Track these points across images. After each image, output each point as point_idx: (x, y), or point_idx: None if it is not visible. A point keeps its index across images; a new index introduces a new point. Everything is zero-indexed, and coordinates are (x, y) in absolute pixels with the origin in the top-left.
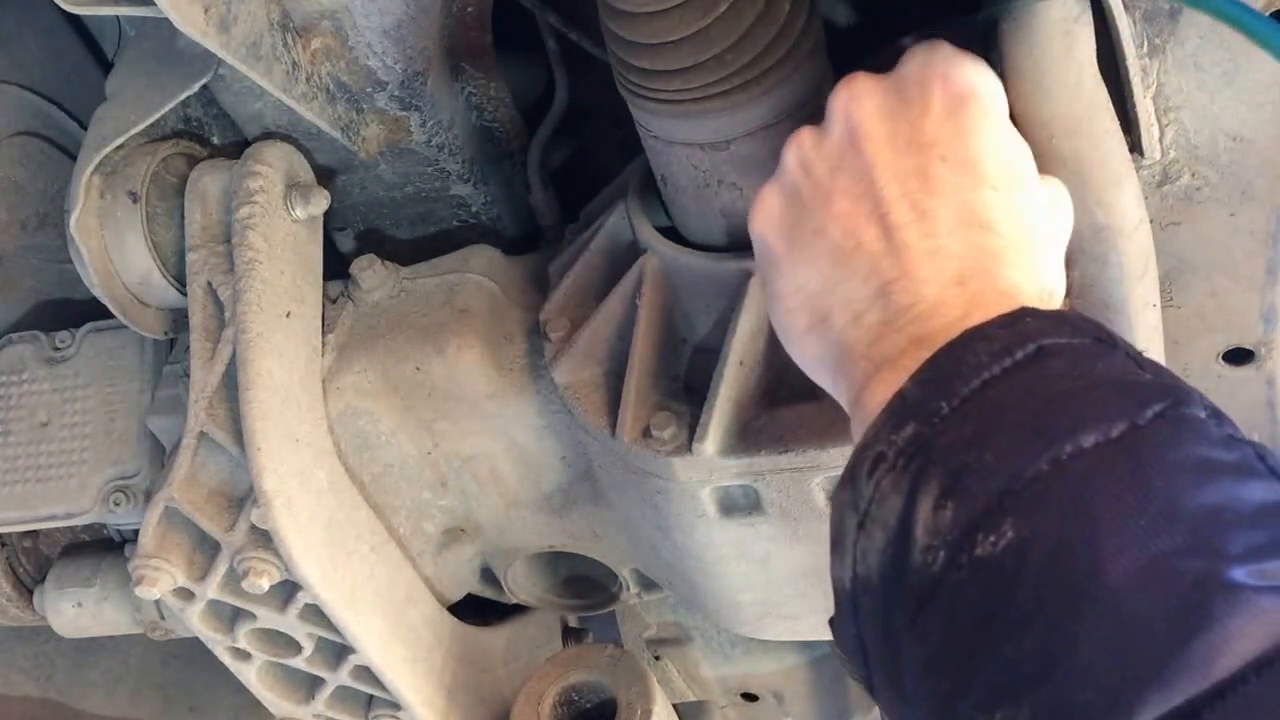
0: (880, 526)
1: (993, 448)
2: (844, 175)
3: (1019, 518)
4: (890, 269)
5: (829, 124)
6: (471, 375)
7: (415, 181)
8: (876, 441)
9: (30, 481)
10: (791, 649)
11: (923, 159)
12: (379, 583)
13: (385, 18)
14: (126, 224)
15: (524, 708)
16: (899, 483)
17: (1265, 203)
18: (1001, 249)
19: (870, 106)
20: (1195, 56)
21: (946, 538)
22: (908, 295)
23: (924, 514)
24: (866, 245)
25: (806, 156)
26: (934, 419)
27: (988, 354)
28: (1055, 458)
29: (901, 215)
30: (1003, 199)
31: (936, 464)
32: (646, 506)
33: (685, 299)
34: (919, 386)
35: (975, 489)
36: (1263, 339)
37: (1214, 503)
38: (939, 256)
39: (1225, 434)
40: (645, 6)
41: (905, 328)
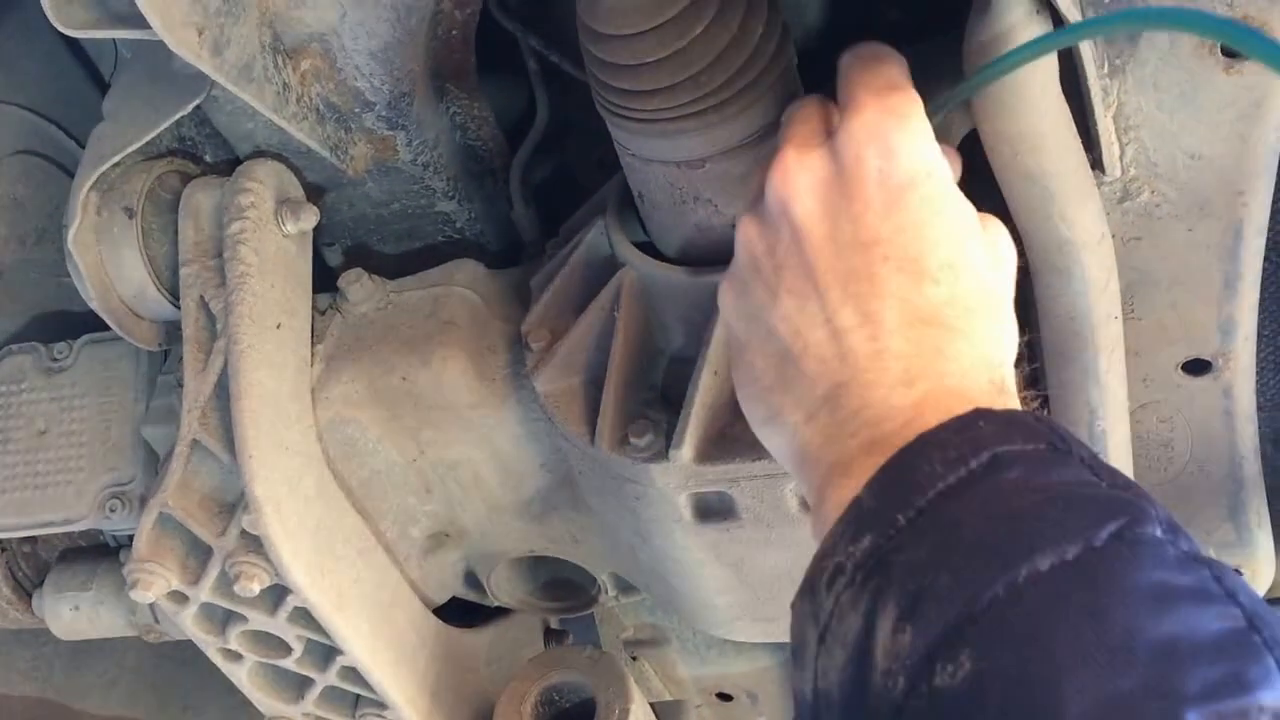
0: (840, 644)
1: (948, 570)
2: (789, 274)
3: (977, 649)
4: (838, 372)
5: (768, 213)
6: (455, 385)
7: (402, 198)
8: (835, 552)
9: (29, 488)
10: (765, 650)
11: (865, 259)
12: (366, 586)
13: (373, 40)
14: (122, 239)
15: (506, 707)
16: (857, 600)
17: (1222, 218)
18: (947, 342)
19: (809, 202)
20: (1154, 77)
21: (905, 663)
22: (856, 399)
23: (883, 636)
24: (813, 348)
25: (754, 251)
26: (890, 531)
27: (942, 463)
28: (1011, 582)
29: (846, 319)
30: (946, 291)
31: (894, 584)
32: (625, 512)
33: (661, 311)
34: (874, 496)
35: (933, 615)
36: (1220, 350)
37: (1171, 634)
38: (885, 358)
39: (1181, 553)
40: (623, 29)
41: (858, 432)
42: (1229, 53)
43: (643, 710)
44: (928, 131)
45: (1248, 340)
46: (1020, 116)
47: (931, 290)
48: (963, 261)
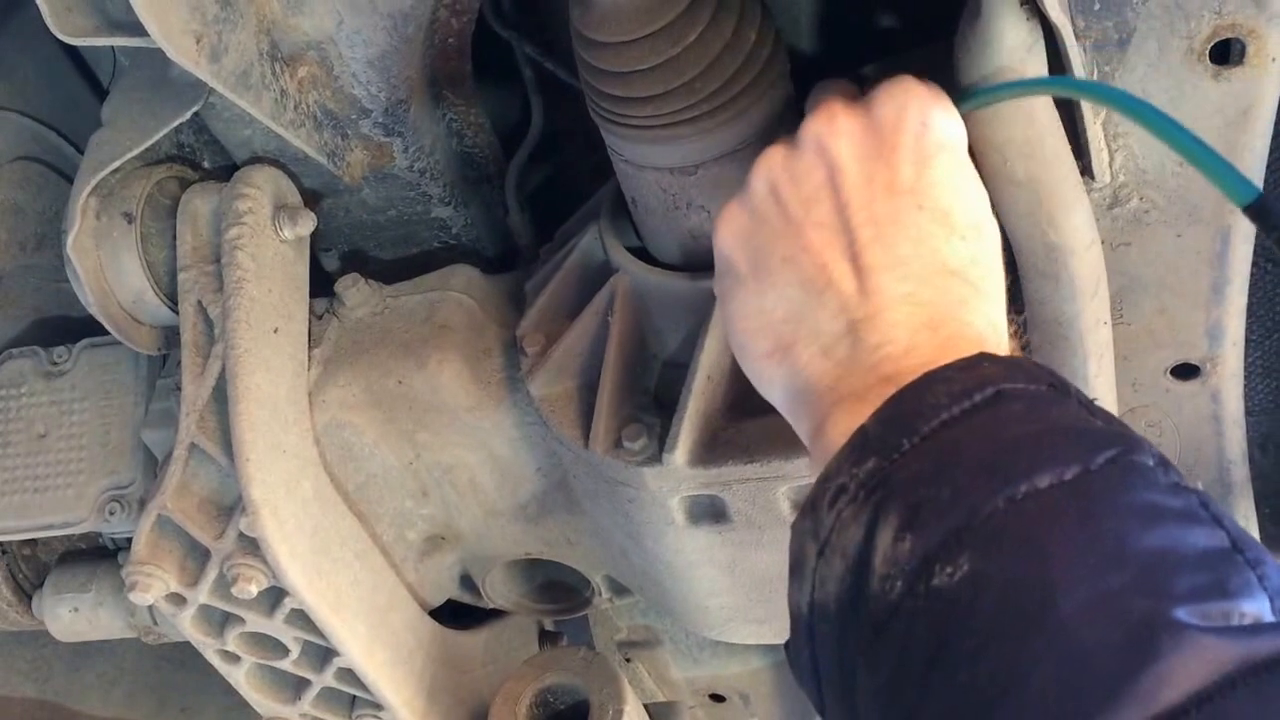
0: (839, 555)
1: (951, 485)
2: (819, 208)
3: (975, 552)
4: (861, 307)
5: (801, 150)
6: (451, 388)
7: (398, 204)
8: (839, 474)
9: (29, 491)
10: (757, 652)
11: (899, 205)
12: (362, 588)
13: (370, 48)
14: (121, 245)
15: (501, 708)
16: (859, 514)
17: (1210, 224)
18: (969, 296)
19: (849, 144)
20: (1143, 84)
21: (904, 568)
22: (878, 335)
23: (883, 545)
24: (838, 282)
25: (777, 181)
26: (894, 454)
27: (948, 395)
28: (1011, 496)
29: (876, 258)
30: (970, 248)
31: (896, 498)
32: (618, 515)
33: (655, 316)
34: (881, 424)
35: (933, 523)
36: (1208, 355)
37: (1160, 545)
38: (911, 300)
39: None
40: (617, 36)
41: (876, 366)
42: (1218, 59)
43: (636, 711)
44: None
45: (1236, 345)
46: (1010, 124)
47: (959, 244)
48: (985, 225)
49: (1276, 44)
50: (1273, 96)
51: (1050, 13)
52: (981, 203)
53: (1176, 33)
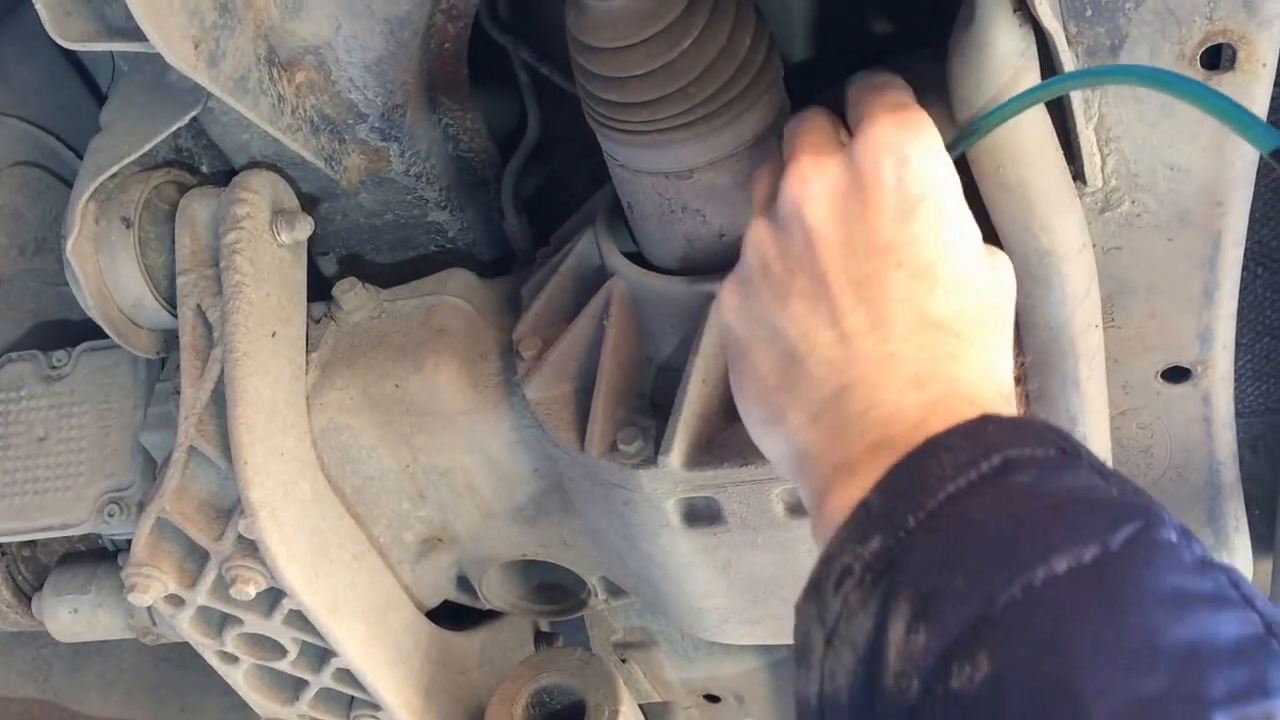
0: (849, 646)
1: (964, 571)
2: (800, 277)
3: (994, 649)
4: (846, 373)
5: (781, 217)
6: (448, 392)
7: (395, 209)
8: (842, 554)
9: (29, 494)
10: (752, 653)
11: (878, 264)
12: (360, 590)
13: (366, 53)
14: (120, 249)
15: (498, 709)
16: (867, 601)
17: (1202, 228)
18: (957, 350)
19: (824, 207)
20: (1135, 90)
21: (920, 665)
22: (863, 400)
23: (896, 638)
24: (821, 349)
25: (765, 254)
26: (900, 533)
27: (952, 465)
28: (1028, 584)
29: (857, 323)
30: (956, 301)
31: (906, 585)
32: (614, 517)
33: (650, 320)
34: (883, 497)
35: (948, 615)
36: (1199, 358)
37: (1192, 639)
38: (895, 361)
39: (1197, 558)
40: (612, 42)
41: (865, 433)
42: (1209, 64)
43: (632, 712)
44: (941, 148)
45: (1226, 348)
46: (1001, 129)
47: (943, 298)
48: (972, 274)
49: (1267, 49)
50: (1264, 101)
51: (1043, 19)
52: (967, 250)
53: (1168, 38)
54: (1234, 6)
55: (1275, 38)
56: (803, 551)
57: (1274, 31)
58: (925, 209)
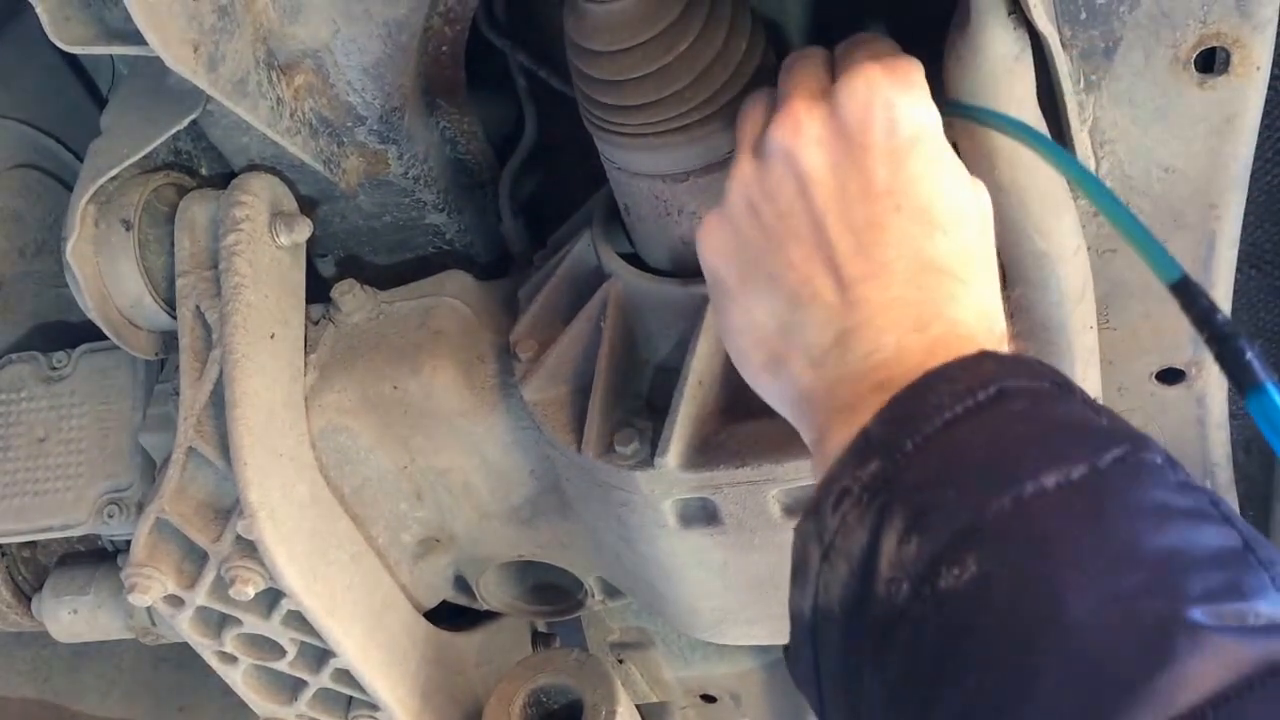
0: (844, 558)
1: (956, 485)
2: (795, 222)
3: (982, 552)
4: (848, 318)
5: (770, 162)
6: (445, 394)
7: (393, 211)
8: (841, 476)
9: (28, 494)
10: (748, 653)
11: (876, 209)
12: (358, 590)
13: (365, 56)
14: (120, 251)
15: (495, 709)
16: (864, 517)
17: (1196, 230)
18: (956, 291)
19: (817, 153)
20: (1129, 92)
21: (910, 570)
22: (867, 343)
23: (888, 547)
24: (823, 295)
25: (751, 195)
26: (898, 455)
27: (950, 394)
28: (1017, 496)
29: (858, 267)
30: (953, 241)
31: (901, 500)
32: (611, 518)
33: (647, 321)
34: (883, 425)
35: (939, 524)
36: (1193, 359)
37: (1172, 545)
38: (897, 305)
39: (1180, 480)
40: (609, 45)
41: (867, 374)
42: (1203, 68)
43: (629, 712)
44: (927, 93)
45: None
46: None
47: (941, 239)
48: (966, 213)
49: (1261, 53)
50: (1257, 104)
51: (1037, 22)
52: (962, 188)
53: (1162, 42)
54: (1227, 10)
55: (1269, 41)
56: None
57: (1268, 35)
58: (918, 151)
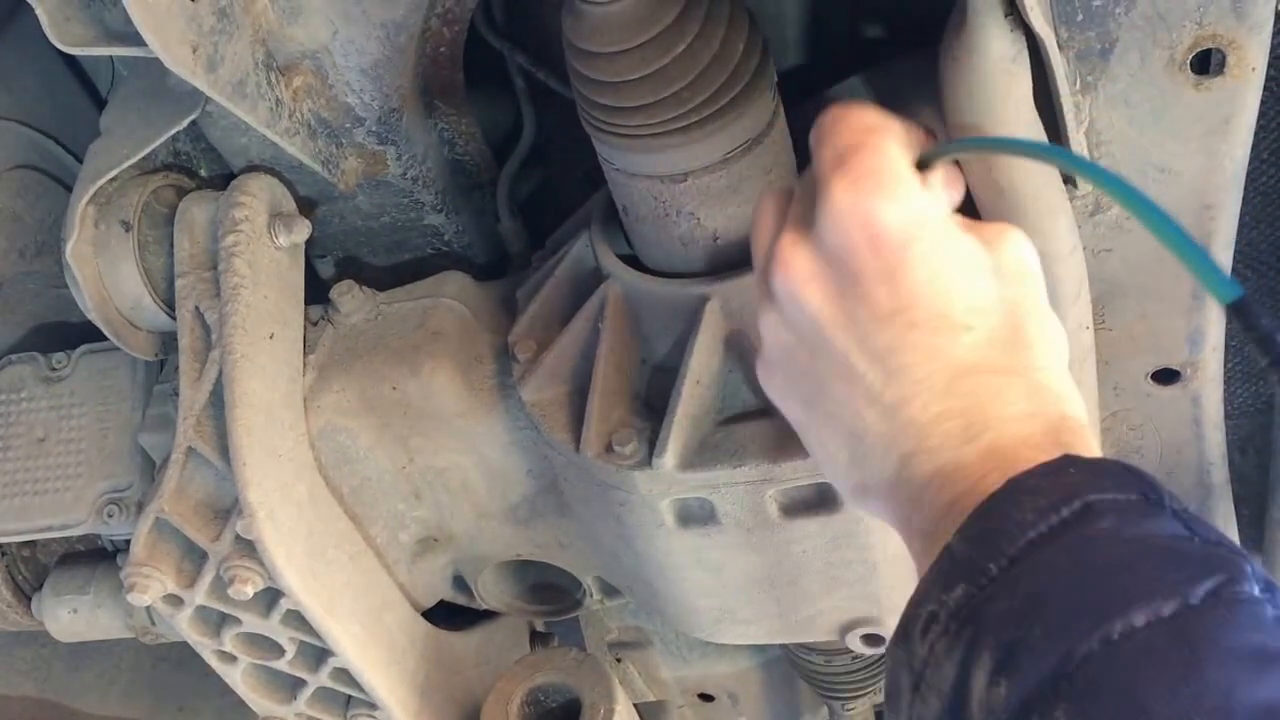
0: (936, 694)
1: (1043, 622)
2: (826, 362)
3: (1071, 703)
4: (903, 444)
5: (780, 305)
6: (444, 394)
7: (391, 212)
8: (927, 600)
9: (28, 494)
10: (745, 652)
11: (891, 332)
12: (357, 590)
13: (363, 58)
14: (119, 252)
15: (493, 707)
16: (952, 650)
17: (1191, 231)
18: (999, 386)
19: (816, 291)
20: (1125, 94)
21: (1000, 717)
22: (928, 465)
23: (978, 688)
24: (875, 426)
25: (784, 341)
26: (983, 579)
27: (1034, 511)
28: (1106, 637)
29: (896, 393)
30: (982, 334)
31: (988, 634)
32: (609, 517)
33: (645, 322)
34: (966, 544)
35: (1027, 667)
36: (1189, 360)
37: (1269, 700)
38: (942, 420)
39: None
40: (608, 47)
41: (935, 498)
42: (1198, 69)
43: (627, 711)
44: (904, 182)
45: (1216, 350)
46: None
47: (967, 338)
48: (986, 297)
49: (1256, 54)
50: (1253, 106)
51: (1034, 23)
52: (974, 272)
53: (1158, 43)
54: (1223, 11)
55: (1264, 42)
56: (796, 552)
57: (1263, 36)
58: (912, 257)
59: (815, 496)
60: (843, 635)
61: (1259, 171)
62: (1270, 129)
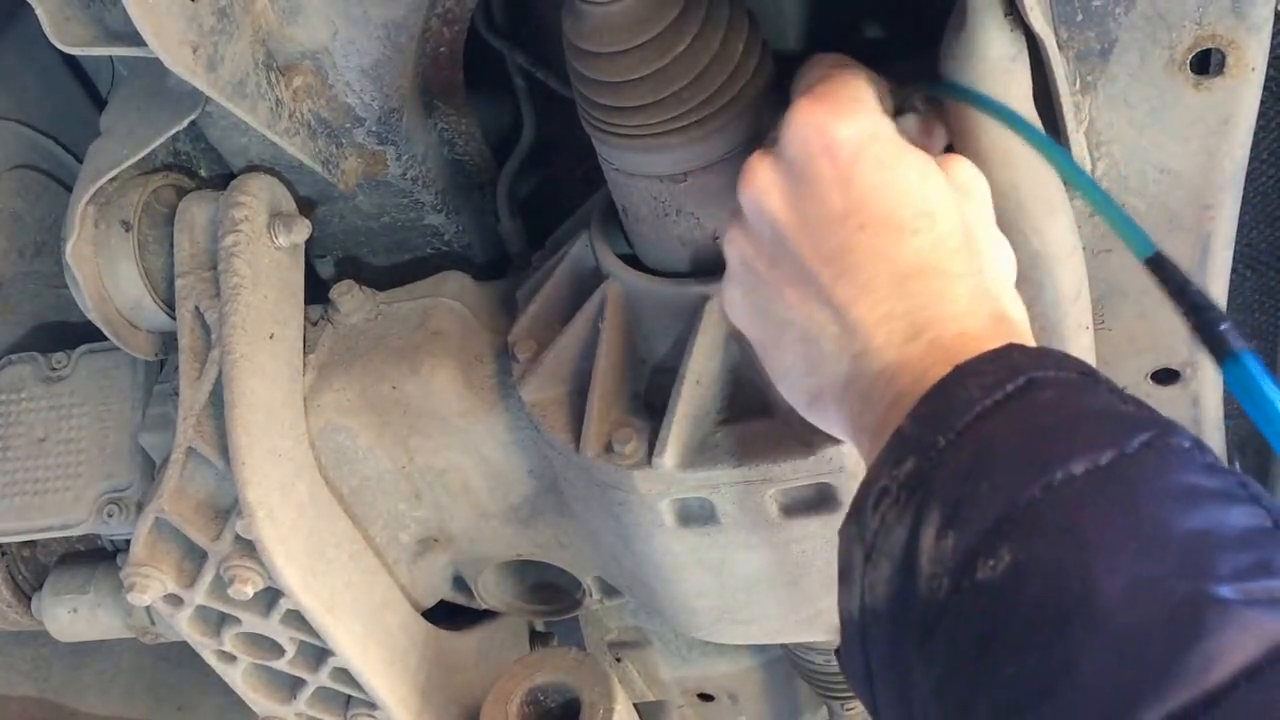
0: (886, 558)
1: (988, 477)
2: (782, 267)
3: (1015, 543)
4: (852, 344)
5: (744, 216)
6: (444, 394)
7: (391, 212)
8: (879, 477)
9: (28, 494)
10: (745, 652)
11: (842, 233)
12: (357, 590)
13: (363, 58)
14: (119, 252)
15: (493, 707)
16: (902, 515)
17: (1191, 231)
18: (943, 287)
19: (775, 196)
20: (1125, 94)
21: (949, 565)
22: (876, 363)
23: (927, 544)
24: (826, 328)
25: (745, 253)
26: (932, 452)
27: (979, 388)
28: (1048, 484)
29: (843, 293)
30: (927, 238)
31: (936, 495)
32: (608, 517)
33: (645, 322)
34: (915, 424)
35: (974, 518)
36: (1188, 360)
37: (1200, 527)
38: (888, 320)
39: (1208, 462)
40: (608, 47)
41: (884, 394)
42: (1198, 69)
43: (626, 710)
44: (860, 101)
45: None
46: (994, 133)
47: (912, 241)
48: (934, 205)
49: (1256, 54)
50: (1252, 106)
51: (1034, 23)
52: (925, 182)
53: (1158, 43)
54: (1223, 11)
55: (1264, 42)
56: (796, 552)
57: (1263, 36)
58: (864, 165)
59: (815, 496)
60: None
61: (1259, 171)
62: (1270, 129)
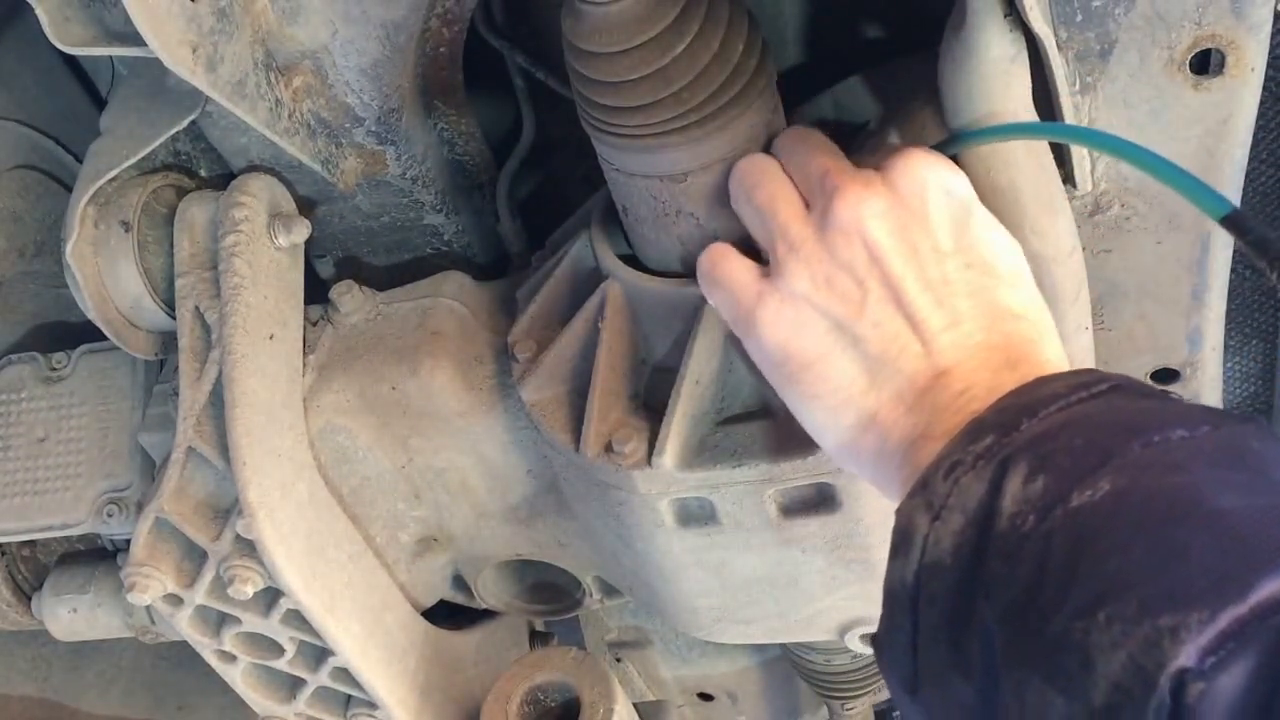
0: (959, 512)
1: (1083, 435)
2: (872, 287)
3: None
4: (938, 363)
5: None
6: (443, 394)
7: (391, 211)
8: (952, 453)
9: (28, 494)
10: (745, 651)
11: (947, 266)
12: (357, 589)
13: (363, 58)
14: (119, 252)
15: (493, 707)
16: (981, 474)
17: (1190, 231)
18: (1036, 336)
19: (884, 223)
20: (1124, 94)
21: (1038, 503)
22: (961, 382)
23: (1013, 489)
24: (911, 347)
25: (824, 269)
26: (1013, 432)
27: (1065, 387)
28: (1146, 442)
29: (939, 320)
30: (1022, 295)
31: (1023, 451)
32: (608, 517)
33: (645, 322)
34: (998, 413)
35: (1068, 464)
36: (1188, 359)
37: None
38: (983, 349)
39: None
40: (608, 47)
41: (964, 407)
42: (1198, 69)
43: (626, 710)
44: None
45: (1215, 350)
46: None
47: (1012, 293)
48: (1027, 273)
49: (1255, 54)
50: (1252, 106)
51: (1033, 24)
52: (1017, 251)
53: (1157, 43)
54: (1222, 11)
55: (1263, 43)
56: (796, 552)
57: (1262, 36)
58: (975, 216)
59: (815, 496)
60: (842, 635)
61: (1259, 171)
62: (1270, 129)
